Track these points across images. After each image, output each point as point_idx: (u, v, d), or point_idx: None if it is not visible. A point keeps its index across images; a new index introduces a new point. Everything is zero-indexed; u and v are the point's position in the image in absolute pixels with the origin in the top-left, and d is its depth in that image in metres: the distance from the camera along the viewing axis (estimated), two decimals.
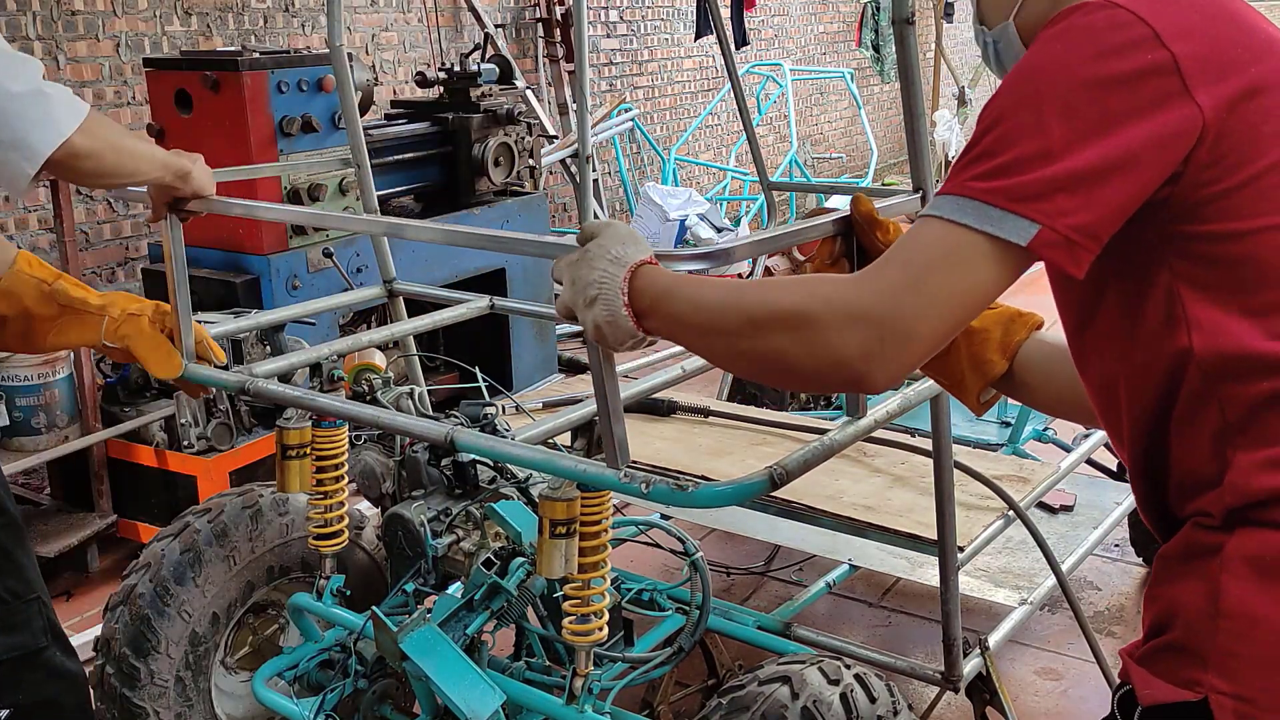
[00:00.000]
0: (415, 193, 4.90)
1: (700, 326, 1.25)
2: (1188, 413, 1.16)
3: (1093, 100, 1.08)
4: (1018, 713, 2.60)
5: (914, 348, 1.12)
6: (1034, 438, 3.87)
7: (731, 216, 8.64)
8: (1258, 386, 1.12)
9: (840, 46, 11.48)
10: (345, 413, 2.18)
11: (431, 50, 6.66)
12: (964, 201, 1.11)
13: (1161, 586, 1.20)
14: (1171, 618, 1.17)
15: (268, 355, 3.28)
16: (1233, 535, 1.13)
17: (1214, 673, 1.10)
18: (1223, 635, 1.11)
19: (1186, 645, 1.14)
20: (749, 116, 3.65)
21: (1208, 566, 1.14)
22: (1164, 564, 1.21)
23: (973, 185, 1.11)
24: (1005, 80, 1.16)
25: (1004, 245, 1.09)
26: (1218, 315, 1.13)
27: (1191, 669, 1.12)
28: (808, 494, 2.61)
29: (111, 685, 2.37)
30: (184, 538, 2.45)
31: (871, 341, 1.11)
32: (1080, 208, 1.08)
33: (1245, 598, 1.10)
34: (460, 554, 2.27)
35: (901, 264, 1.13)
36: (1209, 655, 1.11)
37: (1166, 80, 1.08)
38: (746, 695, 1.95)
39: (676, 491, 1.56)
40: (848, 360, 1.12)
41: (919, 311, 1.10)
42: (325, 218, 2.85)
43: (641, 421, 3.13)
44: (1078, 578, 3.59)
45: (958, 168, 1.14)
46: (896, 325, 1.10)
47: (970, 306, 1.13)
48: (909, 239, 1.15)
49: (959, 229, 1.10)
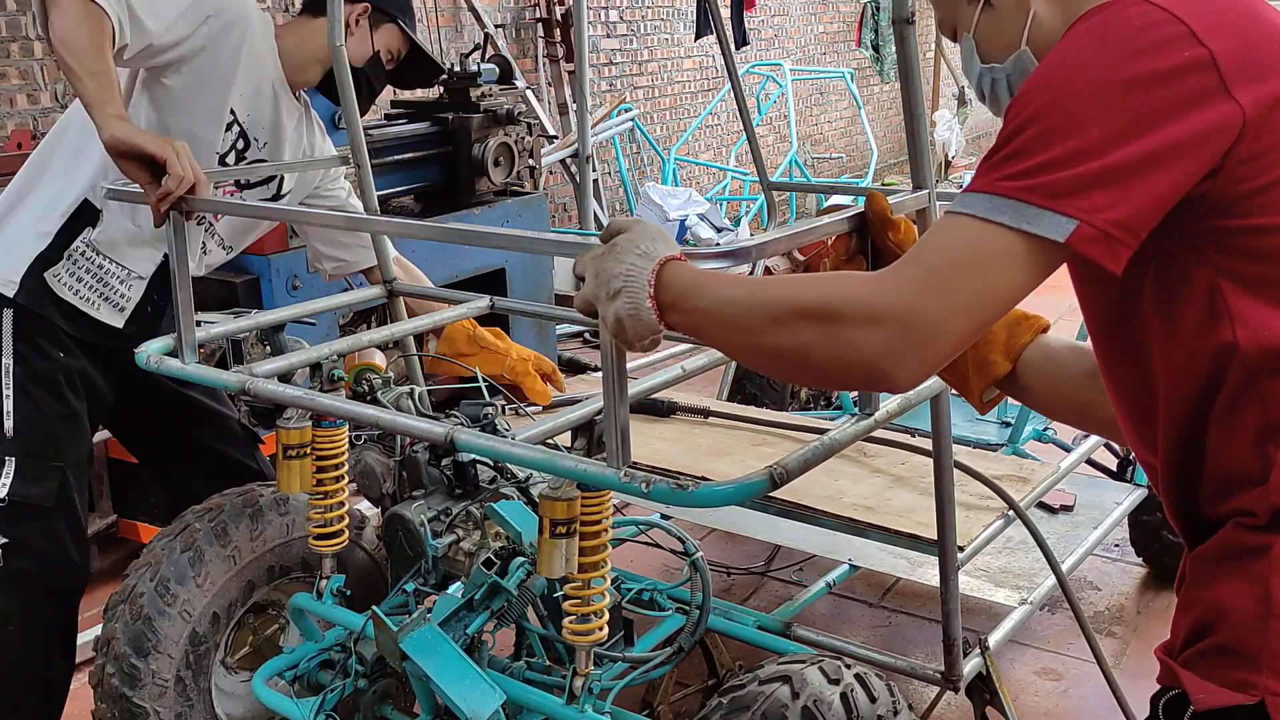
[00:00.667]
0: (415, 193, 4.90)
1: (725, 322, 1.24)
2: (1229, 410, 1.15)
3: (1129, 98, 1.07)
4: (1018, 713, 2.60)
5: (939, 347, 1.11)
6: (1034, 438, 3.87)
7: (731, 216, 8.64)
8: None
9: (840, 46, 11.48)
10: (345, 413, 2.18)
11: (431, 50, 6.66)
12: (998, 200, 1.09)
13: (1200, 589, 1.19)
14: (1216, 620, 1.15)
15: (268, 355, 3.28)
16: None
17: (1269, 674, 1.09)
18: (1275, 636, 1.09)
19: (1238, 648, 1.12)
20: (749, 116, 3.65)
21: (1255, 567, 1.12)
22: (1200, 566, 1.19)
23: (1007, 184, 1.09)
24: (1034, 79, 1.14)
25: (1039, 243, 1.08)
26: (1262, 309, 1.11)
27: (1244, 671, 1.11)
28: (808, 494, 2.61)
29: (111, 685, 2.37)
30: (184, 537, 2.45)
31: (895, 341, 1.10)
32: (1118, 202, 1.07)
33: None
34: (460, 554, 2.27)
35: (929, 262, 1.11)
36: (1262, 656, 1.10)
37: (1205, 76, 1.07)
38: (747, 695, 1.95)
39: (676, 491, 1.56)
40: (871, 359, 1.11)
41: (945, 311, 1.09)
42: (330, 217, 2.85)
43: (641, 422, 3.13)
44: (1078, 578, 3.59)
45: (986, 167, 1.12)
46: (922, 325, 1.09)
47: (998, 306, 1.12)
48: (936, 236, 1.13)
49: (992, 227, 1.09)
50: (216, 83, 2.49)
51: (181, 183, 2.13)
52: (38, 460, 2.43)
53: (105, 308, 2.52)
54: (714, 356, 2.42)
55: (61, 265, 2.46)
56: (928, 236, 1.15)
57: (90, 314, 2.51)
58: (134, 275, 2.55)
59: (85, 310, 2.50)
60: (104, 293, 2.51)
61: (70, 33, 2.14)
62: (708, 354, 2.41)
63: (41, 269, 2.44)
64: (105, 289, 2.51)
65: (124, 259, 2.52)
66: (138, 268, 2.54)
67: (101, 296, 2.51)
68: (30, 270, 2.44)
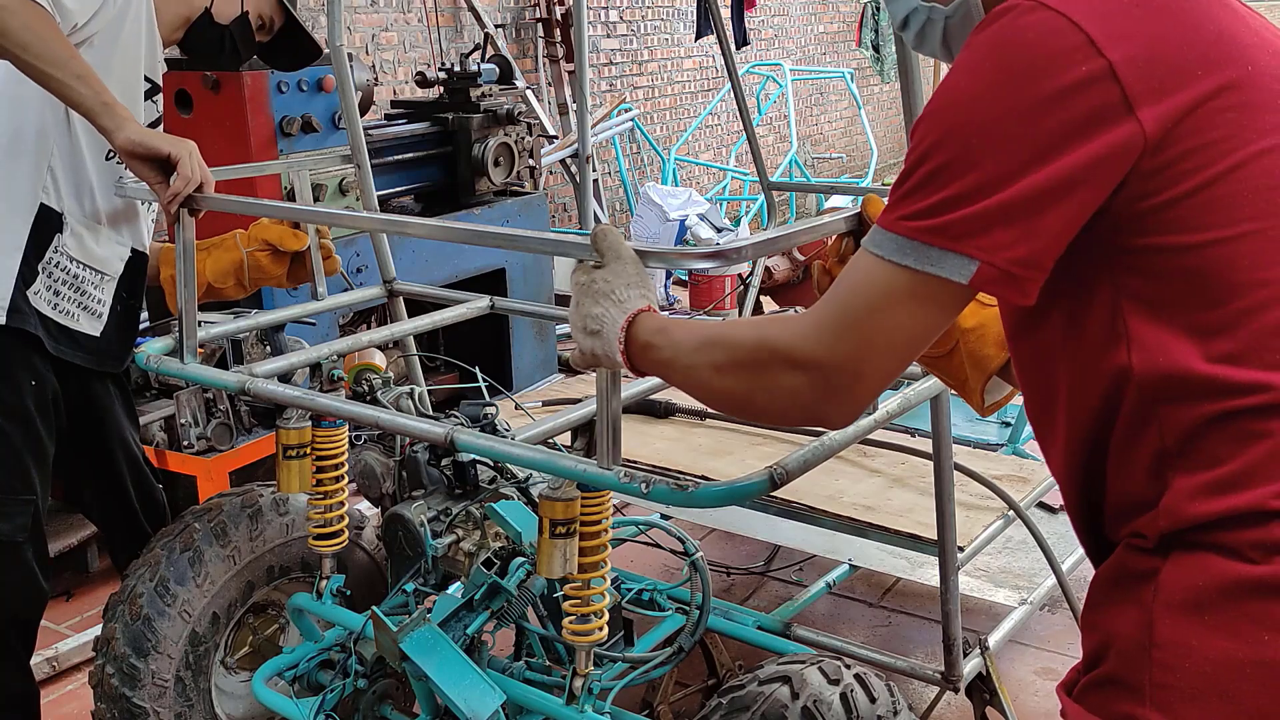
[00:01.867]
0: (415, 193, 4.90)
1: (680, 372, 1.31)
2: (1126, 433, 1.12)
3: (1026, 126, 1.03)
4: (1018, 713, 2.60)
5: (863, 388, 1.13)
6: (1034, 438, 3.87)
7: (731, 216, 8.64)
8: (1198, 409, 1.06)
9: (840, 46, 11.48)
10: (345, 413, 2.18)
11: (431, 50, 6.66)
12: (903, 241, 1.08)
13: (1096, 613, 1.16)
14: (1106, 648, 1.13)
15: (268, 355, 3.28)
16: (1167, 560, 1.08)
17: (1149, 706, 1.06)
18: (1157, 667, 1.06)
19: (1122, 678, 1.10)
20: (749, 116, 3.66)
21: (1142, 593, 1.09)
22: (1098, 589, 1.17)
23: (909, 225, 1.08)
24: (936, 103, 1.10)
25: (944, 283, 1.07)
26: (1160, 333, 1.07)
27: (1127, 703, 1.08)
28: (808, 494, 2.61)
29: (111, 685, 2.37)
30: (184, 538, 2.45)
31: (818, 386, 1.13)
32: (1019, 239, 1.04)
33: (1178, 626, 1.05)
34: (460, 554, 2.27)
35: (844, 304, 1.13)
36: (1143, 688, 1.07)
37: (1104, 90, 1.03)
38: (746, 695, 1.95)
39: (676, 491, 1.56)
40: (801, 404, 1.16)
41: (861, 354, 1.11)
42: (331, 216, 2.85)
43: (641, 422, 3.14)
44: (1078, 578, 3.58)
45: (895, 199, 1.11)
46: (839, 369, 1.12)
47: (915, 344, 1.12)
48: (850, 277, 1.14)
49: (899, 270, 1.09)
50: (130, 53, 2.38)
51: (189, 184, 2.16)
52: (7, 495, 2.36)
53: (84, 317, 2.44)
54: None
55: (39, 281, 2.35)
56: (843, 276, 1.15)
57: (71, 327, 2.42)
58: (106, 278, 2.47)
59: (65, 324, 2.40)
60: (82, 301, 2.43)
61: (27, 35, 2.05)
62: None
63: (23, 288, 2.33)
64: (82, 298, 2.43)
65: (94, 261, 2.44)
66: (108, 268, 2.46)
67: (80, 306, 2.43)
68: (15, 290, 2.32)
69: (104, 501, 2.71)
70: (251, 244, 2.63)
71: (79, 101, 2.14)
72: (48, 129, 2.31)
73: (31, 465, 2.39)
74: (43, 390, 2.40)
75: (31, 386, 2.37)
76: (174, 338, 2.28)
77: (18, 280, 2.31)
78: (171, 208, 2.19)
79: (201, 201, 2.20)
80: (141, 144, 2.15)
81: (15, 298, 2.31)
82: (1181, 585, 1.07)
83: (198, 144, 2.26)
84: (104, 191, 2.40)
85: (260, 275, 2.67)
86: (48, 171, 2.33)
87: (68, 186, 2.35)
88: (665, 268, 4.33)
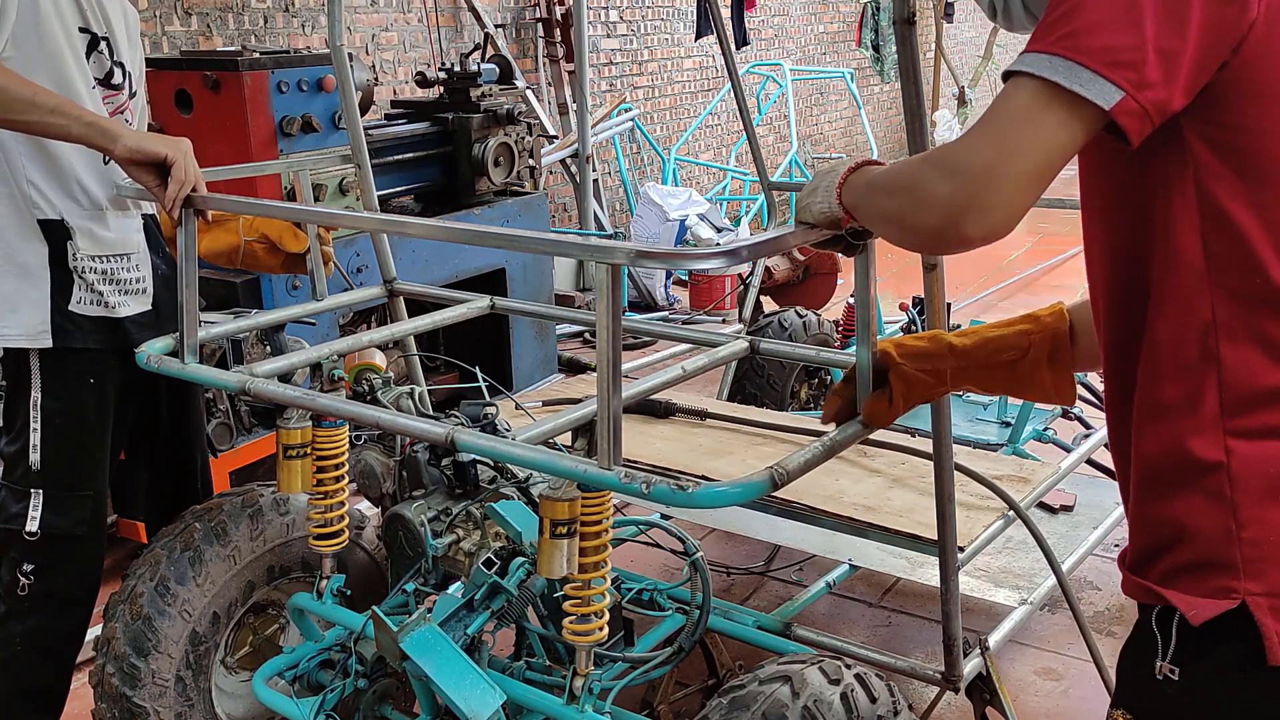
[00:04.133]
0: (415, 193, 4.90)
1: (864, 204, 1.43)
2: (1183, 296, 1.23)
3: None
4: (1018, 713, 2.60)
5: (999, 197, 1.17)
6: (1034, 438, 3.87)
7: (731, 216, 8.64)
8: (1252, 281, 1.19)
9: (840, 46, 11.48)
10: (345, 413, 2.18)
11: (431, 50, 6.66)
12: (1055, 60, 1.15)
13: (1156, 507, 1.29)
14: (1179, 537, 1.26)
15: (268, 355, 3.28)
16: (1232, 455, 1.22)
17: (1245, 578, 1.21)
18: (1246, 545, 1.21)
19: (1213, 559, 1.23)
20: (749, 116, 3.66)
21: (1217, 485, 1.23)
22: (1150, 486, 1.29)
23: (1064, 45, 1.15)
24: None
25: (1084, 106, 1.14)
26: (1226, 203, 1.19)
27: (1223, 578, 1.22)
28: (808, 494, 2.61)
29: (112, 685, 2.37)
30: (184, 537, 2.45)
31: (959, 194, 1.18)
32: (1161, 83, 1.13)
33: (1262, 508, 1.21)
34: (460, 554, 2.27)
35: (989, 116, 1.20)
36: (1236, 563, 1.22)
37: None
38: (747, 695, 1.95)
39: (677, 492, 1.56)
40: (946, 213, 1.20)
41: (999, 159, 1.17)
42: (331, 216, 2.85)
43: (641, 422, 3.13)
44: (1078, 578, 3.59)
45: (1042, 31, 1.18)
46: (980, 173, 1.17)
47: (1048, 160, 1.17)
48: (999, 97, 1.21)
49: (1045, 85, 1.15)
50: (51, 24, 2.29)
51: (183, 186, 2.21)
52: (66, 491, 2.40)
53: (131, 301, 2.47)
54: (714, 356, 2.42)
55: (76, 291, 2.37)
56: (995, 99, 1.23)
57: (122, 316, 2.45)
58: (132, 257, 2.49)
59: (116, 316, 2.44)
60: (122, 288, 2.46)
61: None
62: (707, 354, 2.41)
63: (64, 304, 2.37)
64: (121, 285, 2.46)
65: (113, 249, 2.44)
66: (129, 247, 2.48)
67: (123, 293, 2.46)
68: (55, 309, 2.35)
69: (163, 454, 2.78)
70: (252, 234, 2.69)
71: (65, 133, 2.19)
72: (5, 144, 2.29)
73: (91, 461, 2.45)
74: (101, 388, 2.46)
75: (90, 386, 2.44)
76: (174, 338, 2.28)
77: (53, 300, 2.36)
78: (174, 212, 2.21)
79: (203, 201, 2.22)
80: (139, 150, 2.21)
81: (56, 319, 2.36)
82: (1257, 474, 1.22)
83: (197, 144, 2.28)
84: (91, 176, 2.39)
85: (253, 263, 2.73)
86: (29, 186, 2.32)
87: (54, 191, 2.35)
88: (665, 268, 4.34)
